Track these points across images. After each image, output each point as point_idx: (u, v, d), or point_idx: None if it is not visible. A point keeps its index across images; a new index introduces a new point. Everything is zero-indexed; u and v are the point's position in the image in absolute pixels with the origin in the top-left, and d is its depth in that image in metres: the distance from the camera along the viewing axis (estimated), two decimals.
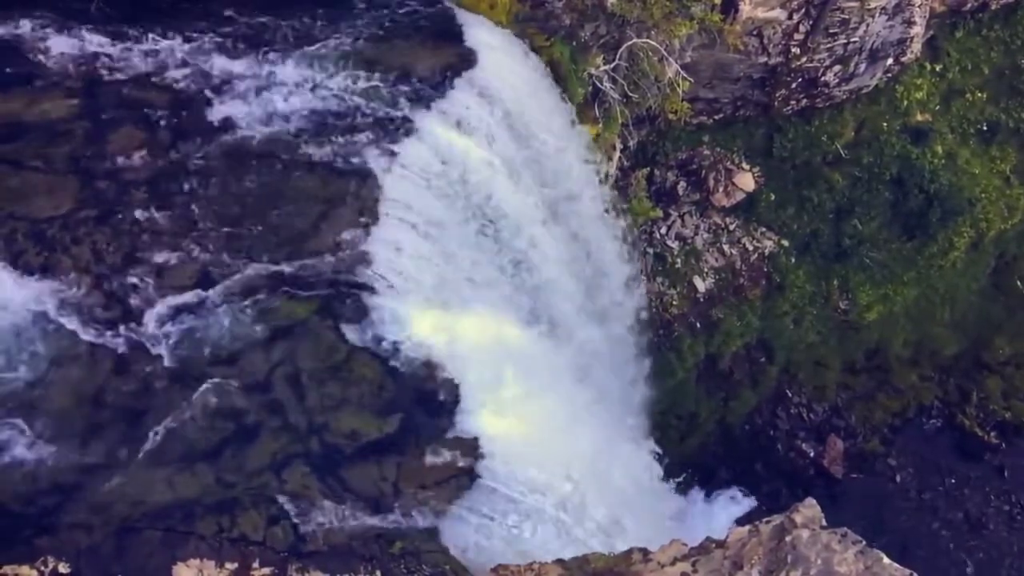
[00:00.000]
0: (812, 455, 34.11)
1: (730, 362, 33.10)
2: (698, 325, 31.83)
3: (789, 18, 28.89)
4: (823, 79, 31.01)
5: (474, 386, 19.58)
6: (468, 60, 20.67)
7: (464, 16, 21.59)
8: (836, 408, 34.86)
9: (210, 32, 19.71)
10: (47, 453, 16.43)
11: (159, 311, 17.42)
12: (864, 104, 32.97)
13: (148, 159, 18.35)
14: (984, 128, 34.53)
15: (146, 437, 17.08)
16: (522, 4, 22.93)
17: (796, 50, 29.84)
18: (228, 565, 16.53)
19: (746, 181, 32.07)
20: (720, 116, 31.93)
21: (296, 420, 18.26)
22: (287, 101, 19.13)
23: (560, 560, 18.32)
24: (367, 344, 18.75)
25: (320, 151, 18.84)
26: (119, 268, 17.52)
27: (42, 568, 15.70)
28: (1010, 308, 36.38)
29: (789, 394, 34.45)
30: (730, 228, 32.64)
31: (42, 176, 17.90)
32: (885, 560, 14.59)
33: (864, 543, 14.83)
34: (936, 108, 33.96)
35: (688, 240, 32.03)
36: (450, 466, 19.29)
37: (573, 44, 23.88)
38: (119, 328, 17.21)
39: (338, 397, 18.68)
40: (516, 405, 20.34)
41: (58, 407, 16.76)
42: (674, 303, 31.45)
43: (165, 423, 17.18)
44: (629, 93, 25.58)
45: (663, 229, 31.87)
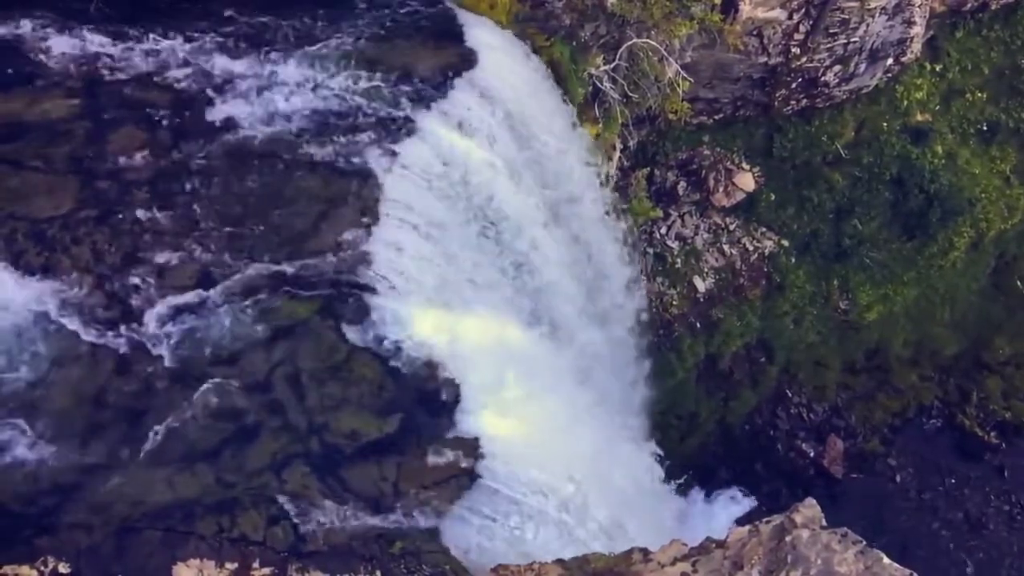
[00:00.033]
0: (812, 455, 34.07)
1: (730, 362, 33.08)
2: (698, 325, 31.81)
3: (789, 18, 28.88)
4: (823, 79, 31.00)
5: (475, 387, 19.55)
6: (469, 60, 20.70)
7: (465, 16, 21.61)
8: (836, 408, 34.82)
9: (211, 32, 19.72)
10: (48, 453, 16.42)
11: (160, 311, 17.41)
12: (864, 104, 32.95)
13: (149, 159, 18.35)
14: (984, 128, 34.52)
15: (146, 437, 17.06)
16: (522, 4, 22.93)
17: (796, 50, 29.83)
18: (228, 565, 16.51)
19: (746, 181, 32.05)
20: (720, 116, 31.91)
21: (296, 420, 18.24)
22: (288, 101, 19.14)
23: (560, 560, 18.29)
24: (368, 344, 18.73)
25: (321, 151, 18.84)
26: (120, 268, 17.51)
27: (42, 568, 15.67)
28: (1010, 308, 36.36)
29: (789, 394, 34.42)
30: (730, 228, 32.62)
31: (43, 176, 17.89)
32: (885, 560, 14.58)
33: (864, 543, 14.81)
34: (936, 108, 33.95)
35: (688, 240, 32.01)
36: (451, 466, 19.24)
37: (573, 44, 23.87)
38: (120, 328, 17.20)
39: (338, 397, 18.64)
40: (517, 406, 20.30)
41: (59, 407, 16.75)
42: (674, 303, 31.43)
43: (166, 423, 17.17)
44: (629, 93, 25.57)
45: (663, 229, 31.85)
